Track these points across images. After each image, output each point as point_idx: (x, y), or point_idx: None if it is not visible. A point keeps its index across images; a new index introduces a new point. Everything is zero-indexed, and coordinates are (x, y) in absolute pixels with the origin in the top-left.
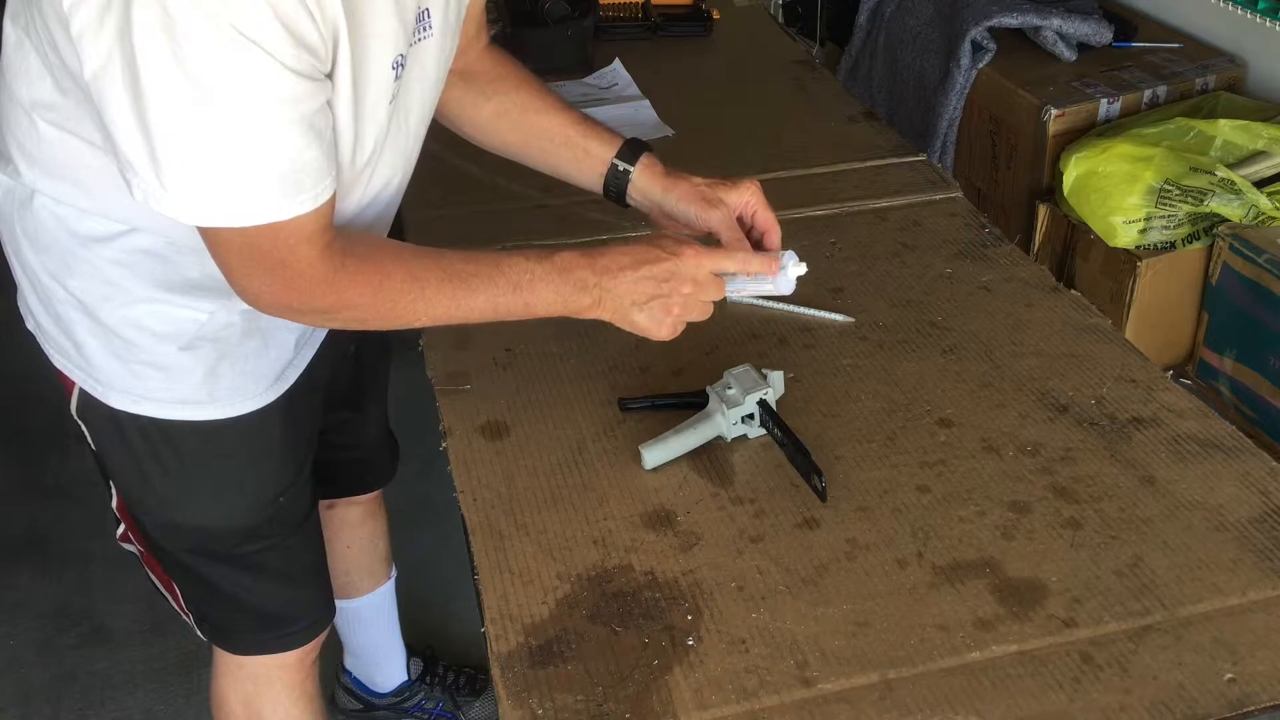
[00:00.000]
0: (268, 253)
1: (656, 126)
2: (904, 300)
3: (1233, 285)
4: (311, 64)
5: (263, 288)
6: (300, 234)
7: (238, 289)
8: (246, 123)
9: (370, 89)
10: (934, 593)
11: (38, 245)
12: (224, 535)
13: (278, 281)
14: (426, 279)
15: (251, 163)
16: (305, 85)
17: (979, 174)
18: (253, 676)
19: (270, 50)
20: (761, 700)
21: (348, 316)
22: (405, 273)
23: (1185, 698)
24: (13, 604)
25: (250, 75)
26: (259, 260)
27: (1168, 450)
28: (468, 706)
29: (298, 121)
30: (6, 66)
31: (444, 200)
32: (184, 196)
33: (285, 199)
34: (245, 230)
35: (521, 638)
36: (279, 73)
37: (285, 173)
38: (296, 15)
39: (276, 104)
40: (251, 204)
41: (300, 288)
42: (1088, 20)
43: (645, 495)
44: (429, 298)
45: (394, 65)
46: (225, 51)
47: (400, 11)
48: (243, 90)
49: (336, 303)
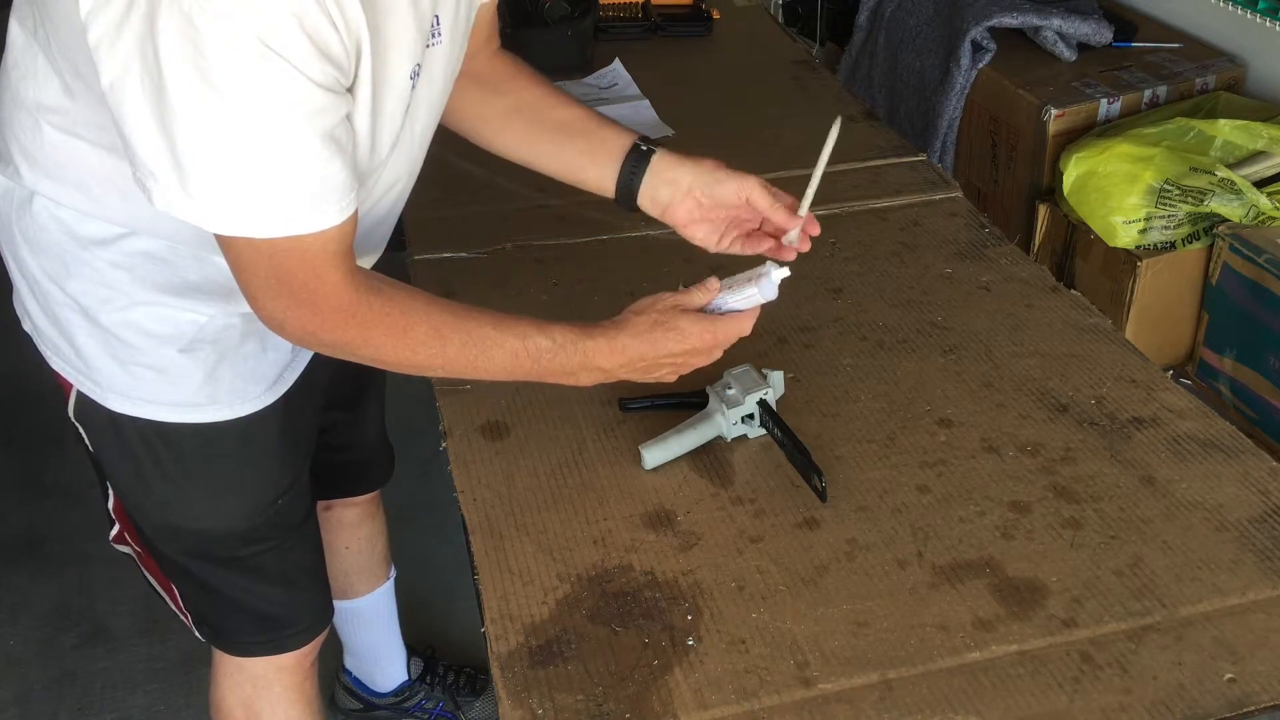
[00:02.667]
0: (294, 273)
1: (656, 126)
2: (904, 300)
3: (1233, 285)
4: (335, 77)
5: (288, 312)
6: (325, 253)
7: (264, 314)
8: (271, 134)
9: (389, 99)
10: (934, 593)
11: (36, 247)
12: (223, 538)
13: (303, 306)
14: (450, 337)
15: (277, 173)
16: (328, 98)
17: (979, 174)
18: (252, 678)
19: (295, 63)
20: (761, 700)
21: (368, 354)
22: (430, 327)
23: (1185, 698)
24: (13, 604)
25: (274, 87)
26: (285, 282)
27: (1168, 450)
28: (468, 706)
29: (321, 134)
30: (12, 68)
31: (444, 200)
32: (210, 204)
33: (312, 211)
34: (272, 247)
35: (521, 638)
36: (303, 85)
37: (311, 184)
38: (322, 28)
39: (301, 117)
40: (278, 214)
41: (325, 314)
42: (1088, 20)
43: (645, 495)
44: (449, 355)
45: (411, 75)
46: (250, 63)
47: (418, 20)
48: (267, 102)
49: (359, 338)
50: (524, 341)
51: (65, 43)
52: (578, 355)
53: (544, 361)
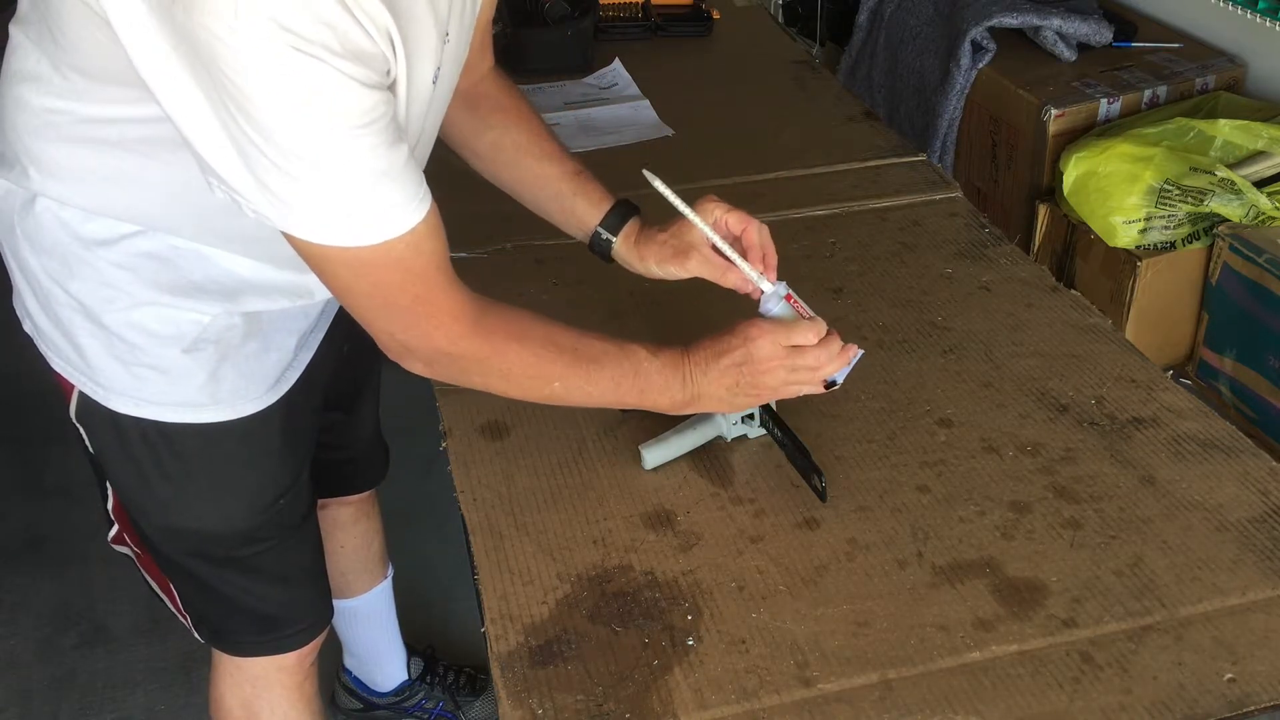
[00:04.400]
0: (400, 287)
1: (656, 126)
2: (904, 300)
3: (1233, 285)
4: (376, 79)
5: (410, 334)
6: (421, 256)
7: (384, 338)
8: (330, 142)
9: (415, 102)
10: (934, 593)
11: (39, 248)
12: (223, 538)
13: (421, 320)
14: (562, 344)
15: (350, 180)
16: (377, 95)
17: (979, 174)
18: (251, 678)
19: (336, 66)
20: (761, 700)
21: (499, 366)
22: (544, 335)
23: (1185, 698)
24: (13, 604)
25: (323, 93)
26: (394, 300)
27: (1168, 450)
28: (468, 706)
29: (380, 132)
30: (16, 72)
31: (444, 200)
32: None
33: (394, 207)
34: (365, 262)
35: (521, 638)
36: (351, 87)
37: (380, 184)
38: (352, 33)
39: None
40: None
41: (446, 326)
42: (1088, 20)
43: (645, 495)
44: (564, 364)
45: (434, 79)
46: (291, 73)
47: (437, 24)
48: (321, 111)
49: (491, 351)
50: (623, 350)
51: (75, 47)
52: (665, 360)
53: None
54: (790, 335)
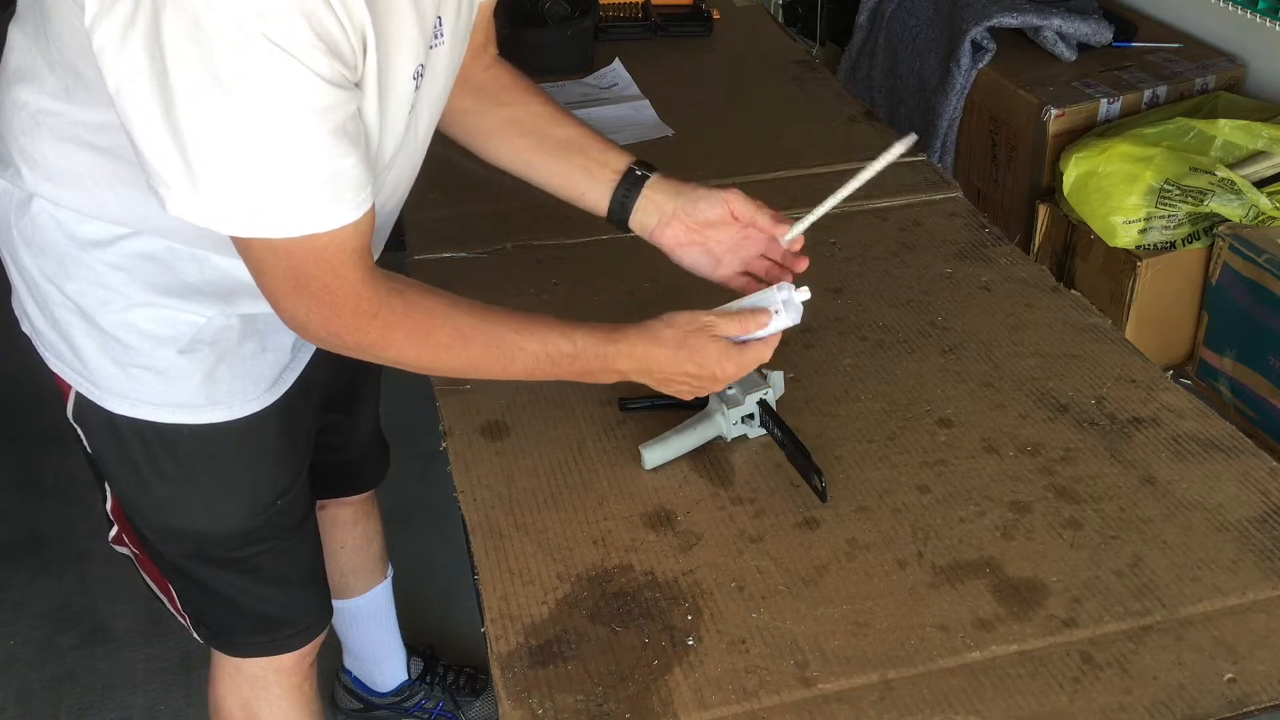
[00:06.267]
0: (313, 275)
1: (656, 126)
2: (904, 300)
3: (1233, 285)
4: (342, 73)
5: (310, 314)
6: (342, 251)
7: (286, 316)
8: (282, 132)
9: (393, 100)
10: (934, 593)
11: (35, 249)
12: (221, 539)
13: (324, 307)
14: (472, 340)
15: (289, 171)
16: (338, 94)
17: (979, 174)
18: (250, 679)
19: (303, 60)
20: (761, 700)
21: (390, 356)
22: (452, 329)
23: (1185, 698)
24: (13, 604)
25: (283, 85)
26: (305, 284)
27: (1168, 450)
28: (468, 706)
29: (333, 130)
30: (12, 71)
31: (444, 200)
32: (222, 206)
33: (326, 208)
34: (289, 247)
35: (521, 638)
36: (312, 82)
37: (323, 181)
38: (328, 24)
39: (311, 113)
40: (291, 213)
41: (346, 315)
42: (1088, 20)
43: (645, 495)
44: (471, 356)
45: (415, 75)
46: (258, 61)
47: (420, 21)
48: (276, 99)
49: (380, 339)
50: (545, 347)
51: (66, 46)
52: (597, 361)
53: (564, 366)
54: (749, 357)
